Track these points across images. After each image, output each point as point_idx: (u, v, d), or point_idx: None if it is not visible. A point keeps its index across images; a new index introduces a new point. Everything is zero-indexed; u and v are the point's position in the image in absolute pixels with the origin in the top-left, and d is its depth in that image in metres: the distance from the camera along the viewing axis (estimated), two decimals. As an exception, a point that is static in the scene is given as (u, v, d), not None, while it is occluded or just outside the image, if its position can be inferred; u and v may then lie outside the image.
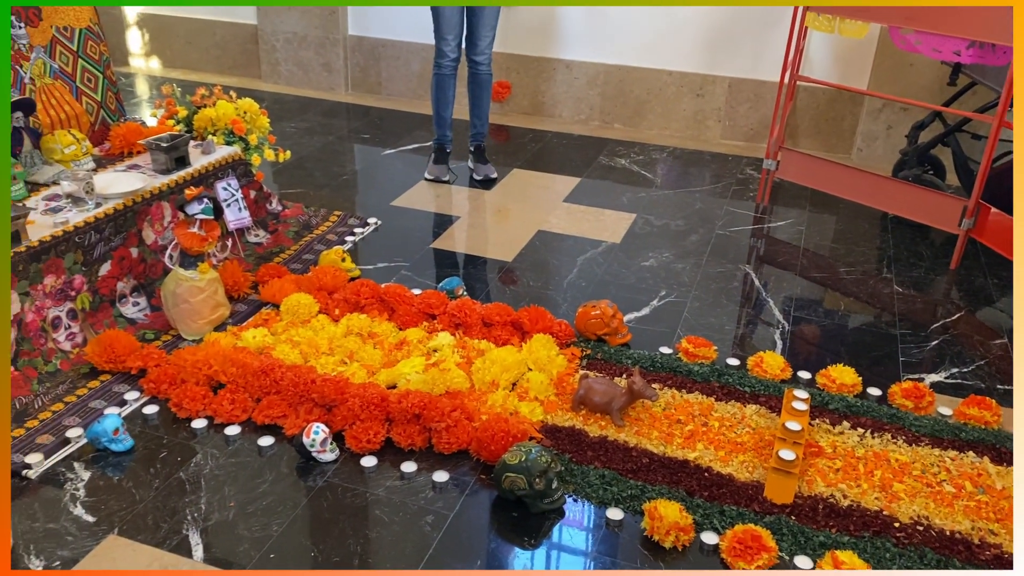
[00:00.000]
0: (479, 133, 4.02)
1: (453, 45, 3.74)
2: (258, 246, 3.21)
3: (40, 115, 2.90)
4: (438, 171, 3.99)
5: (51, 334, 2.43)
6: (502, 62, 4.91)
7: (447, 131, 3.98)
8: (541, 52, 4.86)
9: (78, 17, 3.10)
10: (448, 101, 3.90)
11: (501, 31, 4.83)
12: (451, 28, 3.70)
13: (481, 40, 3.76)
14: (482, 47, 3.78)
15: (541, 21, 4.77)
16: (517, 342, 2.62)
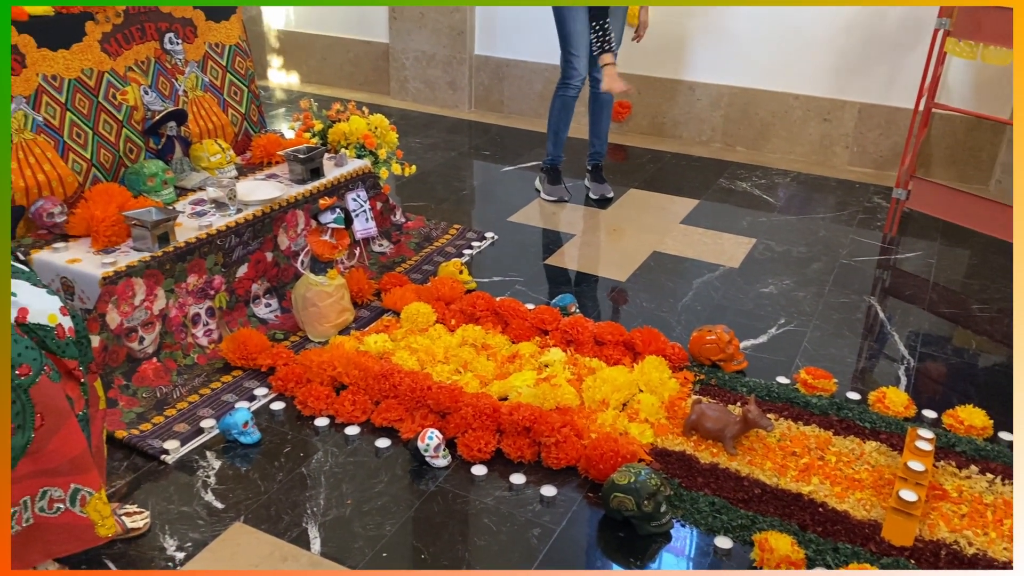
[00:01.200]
0: (597, 153, 4.04)
1: (585, 62, 3.73)
2: (382, 255, 3.34)
3: (190, 125, 3.12)
4: (557, 192, 4.00)
5: (191, 330, 2.60)
6: (624, 82, 4.92)
7: (562, 153, 4.01)
8: (664, 73, 4.85)
9: (228, 34, 3.32)
10: (568, 123, 3.92)
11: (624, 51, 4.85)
12: (581, 46, 3.70)
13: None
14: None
15: (665, 42, 4.76)
16: (629, 362, 2.62)
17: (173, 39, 3.07)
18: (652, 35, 4.75)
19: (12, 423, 1.56)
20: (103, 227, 2.48)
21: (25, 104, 2.58)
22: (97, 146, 2.78)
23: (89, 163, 2.75)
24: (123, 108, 2.87)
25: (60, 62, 2.68)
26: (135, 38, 2.93)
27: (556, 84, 3.85)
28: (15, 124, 2.54)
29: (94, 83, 2.78)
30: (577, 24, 3.65)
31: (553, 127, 3.94)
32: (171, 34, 3.07)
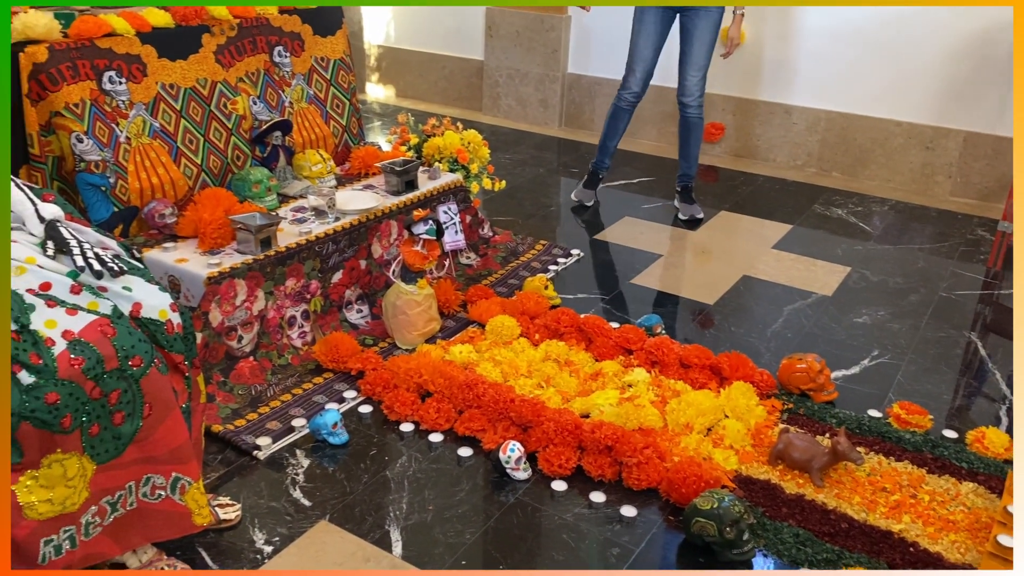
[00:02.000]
0: (686, 175, 4.02)
1: (639, 79, 3.83)
2: (469, 267, 3.39)
3: (294, 135, 3.24)
4: (584, 195, 4.11)
5: (286, 331, 2.70)
6: (718, 103, 4.89)
7: (606, 160, 4.09)
8: (759, 95, 4.79)
9: (334, 49, 3.44)
10: (617, 132, 4.01)
11: (721, 72, 4.82)
12: (640, 62, 3.79)
13: (688, 79, 3.78)
14: (690, 87, 3.79)
15: (763, 64, 4.71)
16: (715, 387, 2.59)
17: (282, 52, 3.21)
18: (749, 57, 4.71)
19: (123, 411, 1.65)
20: (210, 229, 2.60)
21: (144, 111, 2.73)
22: (207, 152, 2.92)
23: (199, 168, 2.89)
24: (233, 117, 3.01)
25: (177, 72, 2.84)
26: (247, 50, 3.07)
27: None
28: (135, 129, 2.70)
29: (207, 92, 2.93)
30: (640, 39, 3.75)
31: (604, 133, 4.05)
32: (280, 47, 3.20)
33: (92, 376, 1.58)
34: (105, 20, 2.65)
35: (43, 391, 1.52)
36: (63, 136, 2.53)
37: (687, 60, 3.75)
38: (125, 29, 2.68)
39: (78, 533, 1.66)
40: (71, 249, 1.73)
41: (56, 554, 1.63)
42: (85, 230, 1.87)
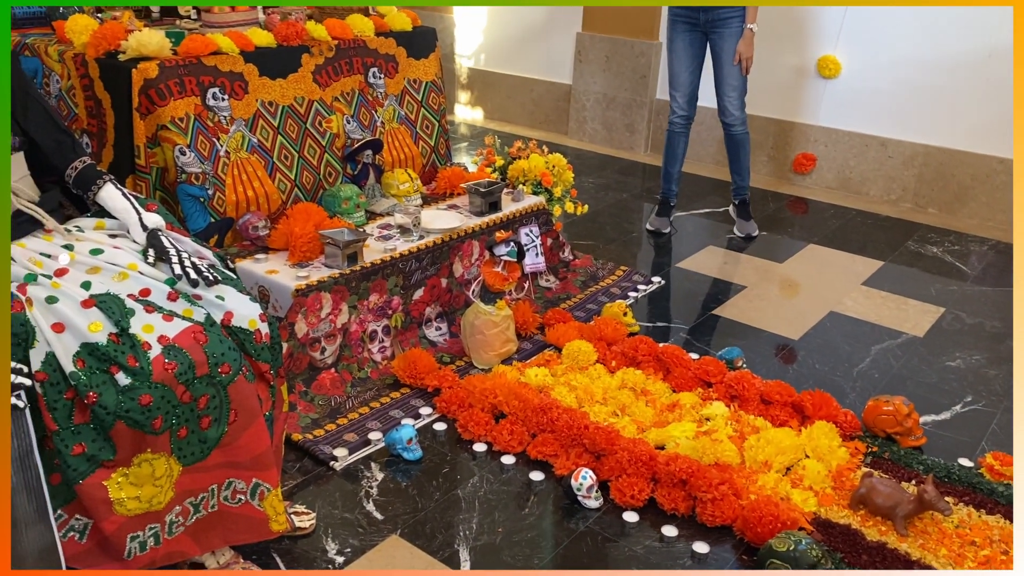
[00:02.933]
0: (740, 188, 4.06)
1: (682, 103, 3.91)
2: (547, 290, 3.40)
3: (384, 154, 3.32)
4: (659, 223, 4.11)
5: (367, 345, 2.75)
6: (810, 133, 4.79)
7: (672, 186, 4.10)
8: (853, 127, 4.66)
9: (426, 71, 3.52)
10: (675, 158, 4.04)
11: (813, 102, 4.73)
12: (680, 87, 3.89)
13: (725, 100, 3.84)
14: (728, 108, 3.85)
15: (857, 95, 4.59)
16: (796, 425, 2.52)
17: (376, 73, 3.30)
18: (843, 88, 4.60)
19: (210, 416, 1.71)
20: (300, 243, 2.68)
21: (244, 126, 2.85)
22: (301, 168, 3.02)
23: (293, 183, 2.99)
24: (327, 135, 3.10)
25: (277, 90, 2.95)
26: (343, 71, 3.17)
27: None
28: (234, 144, 2.81)
29: (304, 110, 3.03)
30: (675, 64, 3.86)
31: (663, 161, 4.11)
32: (375, 69, 3.29)
33: (184, 380, 1.65)
34: (212, 39, 2.78)
35: (138, 392, 1.59)
36: (167, 148, 2.65)
37: (721, 81, 3.83)
38: (230, 48, 2.81)
39: (162, 531, 1.72)
40: (170, 258, 1.82)
41: (141, 550, 1.70)
42: (184, 240, 1.95)
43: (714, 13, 3.69)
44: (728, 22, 3.70)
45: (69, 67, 2.76)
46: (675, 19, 3.81)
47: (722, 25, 3.71)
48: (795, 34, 4.69)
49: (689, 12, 3.73)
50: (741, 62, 3.73)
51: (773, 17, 4.51)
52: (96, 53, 2.67)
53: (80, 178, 1.94)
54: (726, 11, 3.67)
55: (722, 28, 3.71)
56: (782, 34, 4.66)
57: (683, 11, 3.75)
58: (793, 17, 4.66)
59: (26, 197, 1.85)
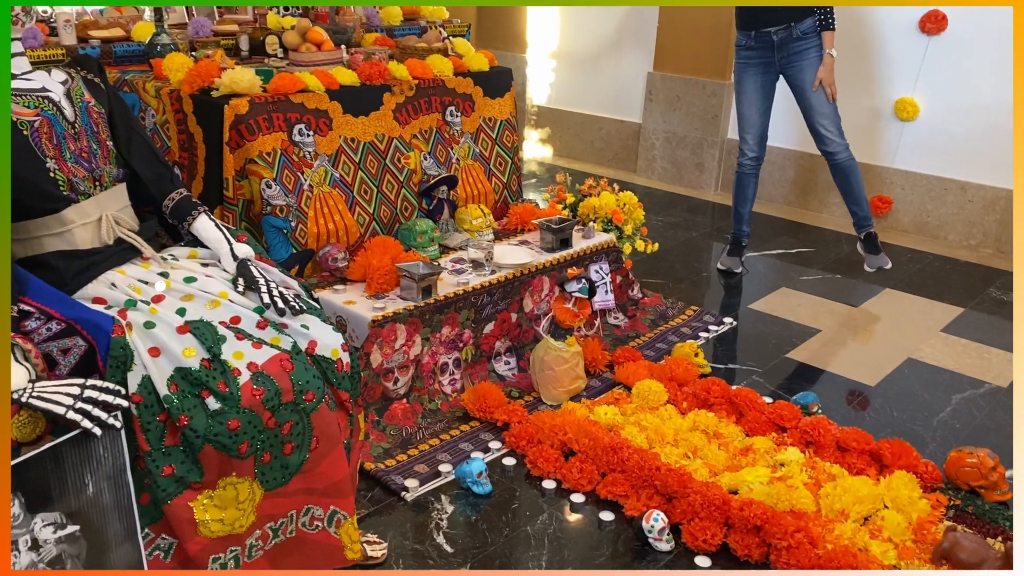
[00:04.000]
0: (862, 219, 3.88)
1: (752, 144, 3.87)
2: (616, 328, 3.39)
3: (459, 190, 3.38)
4: (730, 262, 4.06)
5: (438, 377, 2.78)
6: (887, 176, 4.71)
7: (743, 226, 4.05)
8: (932, 170, 4.57)
9: (501, 110, 3.58)
10: (746, 198, 3.99)
11: (890, 145, 4.66)
12: (750, 128, 3.84)
13: (822, 129, 3.76)
14: (825, 136, 3.76)
15: (935, 139, 4.50)
16: (874, 474, 2.45)
17: (454, 112, 3.37)
18: (922, 131, 4.52)
19: (293, 442, 1.76)
20: (377, 275, 2.74)
21: (327, 161, 2.94)
22: (379, 202, 3.09)
23: (371, 217, 3.06)
24: (404, 171, 3.18)
25: (359, 127, 3.04)
26: (422, 109, 3.25)
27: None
28: (317, 178, 2.90)
29: (384, 147, 3.11)
30: (745, 106, 3.82)
31: (734, 201, 4.06)
32: (452, 107, 3.37)
33: (270, 407, 1.69)
34: (300, 77, 2.89)
35: (227, 417, 1.64)
36: (254, 181, 2.75)
37: (811, 113, 3.76)
38: (316, 86, 2.91)
39: (242, 554, 1.76)
40: (259, 287, 1.88)
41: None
42: (271, 270, 2.02)
43: (789, 48, 3.67)
44: (804, 54, 3.67)
45: (165, 102, 2.90)
46: (746, 61, 3.79)
47: (798, 58, 3.68)
48: (872, 76, 4.64)
49: (762, 51, 3.72)
50: (823, 89, 3.68)
51: (850, 59, 4.46)
52: (190, 89, 2.80)
53: (176, 209, 2.03)
54: (801, 44, 3.65)
55: (799, 61, 3.69)
56: (859, 76, 4.61)
57: (756, 51, 3.74)
58: (871, 59, 4.62)
59: (126, 226, 1.94)
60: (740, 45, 3.79)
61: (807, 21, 3.63)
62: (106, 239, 1.87)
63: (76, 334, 1.61)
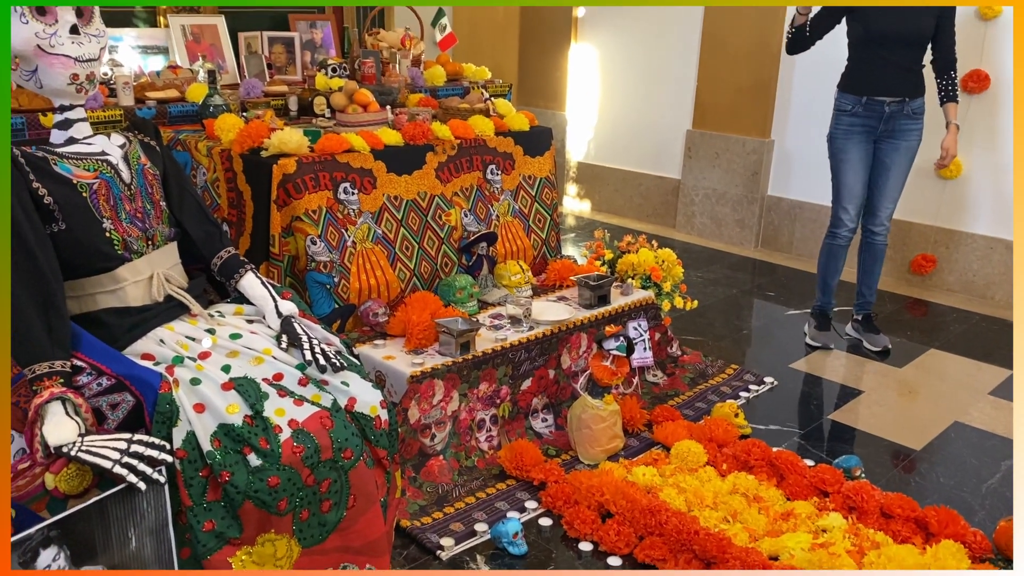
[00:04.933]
0: (867, 303, 3.88)
1: (852, 215, 3.70)
2: (655, 386, 3.37)
3: (498, 246, 3.42)
4: (824, 338, 3.87)
5: (475, 433, 2.79)
6: (930, 234, 4.66)
7: (831, 299, 3.92)
8: (977, 228, 4.51)
9: (541, 168, 3.64)
10: (837, 271, 3.85)
11: (933, 203, 4.61)
12: (852, 198, 3.67)
13: (882, 211, 3.69)
14: (882, 218, 3.70)
15: (980, 196, 4.45)
16: (919, 543, 2.38)
17: (494, 170, 3.43)
18: (967, 187, 4.48)
19: (331, 500, 1.77)
20: (417, 330, 2.77)
21: (370, 219, 3.00)
22: (420, 258, 3.14)
23: (412, 272, 3.11)
24: (445, 227, 3.24)
25: (402, 185, 3.11)
26: (464, 168, 3.32)
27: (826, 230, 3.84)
28: (360, 235, 2.96)
29: (425, 204, 3.18)
30: (849, 175, 3.63)
31: (822, 274, 3.88)
32: (493, 165, 3.43)
33: (309, 464, 1.72)
34: (346, 138, 2.98)
35: (267, 474, 1.67)
36: (300, 238, 2.82)
37: (882, 191, 3.65)
38: (362, 146, 2.99)
39: (278, 611, 1.77)
40: (302, 344, 1.92)
41: (257, 629, 1.74)
42: (314, 327, 2.06)
43: (895, 123, 3.53)
44: (907, 133, 3.56)
45: (215, 161, 3.00)
46: (850, 127, 3.58)
47: (900, 136, 3.55)
48: (913, 134, 4.62)
49: (868, 120, 3.55)
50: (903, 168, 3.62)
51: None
52: (241, 149, 2.90)
53: (224, 267, 2.10)
54: (907, 123, 3.54)
55: (898, 139, 3.56)
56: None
57: (862, 119, 3.55)
58: (911, 117, 4.60)
59: (176, 283, 2.00)
60: (844, 110, 3.60)
61: (919, 99, 3.53)
62: (156, 296, 1.93)
63: (125, 390, 1.66)
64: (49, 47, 1.79)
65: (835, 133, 3.65)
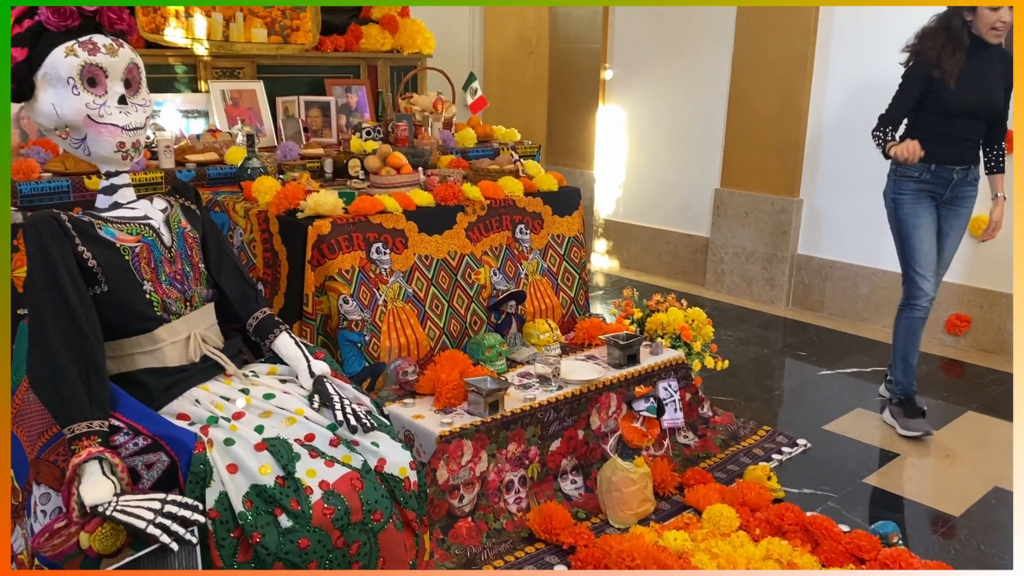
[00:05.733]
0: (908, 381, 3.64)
1: (932, 282, 3.48)
2: (686, 448, 3.33)
3: (527, 304, 3.44)
4: (918, 426, 3.51)
5: (504, 495, 2.77)
6: (964, 294, 4.60)
7: (914, 380, 3.61)
8: (1011, 287, 4.45)
9: (569, 227, 3.67)
10: (917, 346, 3.58)
11: (966, 262, 4.57)
12: (930, 264, 3.47)
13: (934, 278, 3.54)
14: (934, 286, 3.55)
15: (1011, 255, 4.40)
16: (962, 614, 2.31)
17: (523, 230, 3.47)
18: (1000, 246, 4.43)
19: (360, 562, 1.77)
20: (446, 389, 2.78)
21: (401, 278, 3.04)
22: (449, 316, 3.17)
23: (441, 331, 3.14)
24: (475, 286, 3.27)
25: (433, 245, 3.15)
26: (493, 228, 3.36)
27: (899, 304, 3.60)
28: (392, 293, 3.00)
29: (455, 263, 3.22)
30: (925, 242, 3.45)
31: (901, 353, 3.58)
32: (522, 225, 3.47)
33: (339, 526, 1.72)
34: (379, 200, 3.04)
35: (297, 536, 1.67)
36: (332, 297, 2.87)
37: (939, 257, 3.53)
38: (395, 207, 3.05)
39: (305, 676, 1.75)
40: (333, 404, 1.94)
41: None
42: (346, 387, 2.08)
43: (959, 190, 3.45)
44: (966, 200, 3.48)
45: (252, 222, 3.07)
46: (918, 192, 3.44)
47: (960, 203, 3.47)
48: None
49: (936, 186, 3.42)
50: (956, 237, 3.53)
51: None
52: (277, 211, 2.97)
53: (260, 327, 2.13)
54: (968, 190, 3.47)
55: (959, 206, 3.48)
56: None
57: (930, 185, 3.42)
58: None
59: (212, 344, 2.04)
60: (911, 177, 3.43)
61: (978, 167, 3.48)
62: (193, 357, 1.97)
63: (161, 450, 1.68)
64: (98, 117, 1.87)
65: (902, 199, 3.48)
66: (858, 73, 4.87)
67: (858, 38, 4.85)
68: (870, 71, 4.78)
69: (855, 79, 4.89)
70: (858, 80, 4.88)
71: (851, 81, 4.92)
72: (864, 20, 4.80)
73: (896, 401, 3.63)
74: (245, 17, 4.05)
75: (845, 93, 4.96)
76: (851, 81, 4.92)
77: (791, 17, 5.04)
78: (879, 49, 4.65)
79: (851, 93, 4.92)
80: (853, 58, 4.88)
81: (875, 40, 4.74)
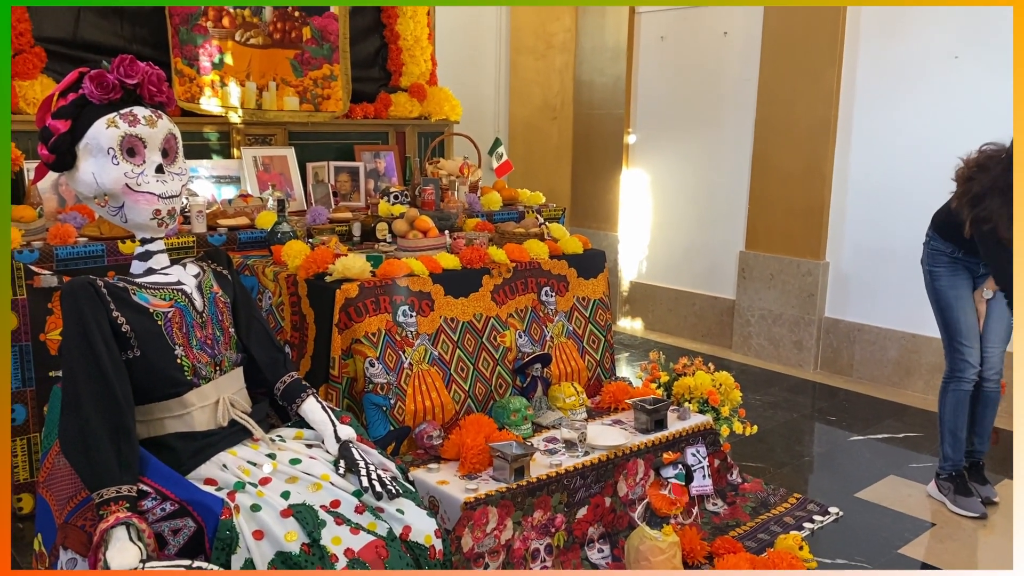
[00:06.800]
0: (978, 451, 3.55)
1: (978, 354, 3.37)
2: (715, 515, 3.26)
3: (552, 367, 3.43)
4: (972, 506, 3.37)
5: (529, 564, 2.72)
6: (996, 358, 4.52)
7: (963, 457, 3.48)
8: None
9: (594, 290, 3.68)
10: (965, 422, 3.45)
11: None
12: (972, 337, 3.37)
13: (993, 355, 3.40)
14: (994, 362, 3.40)
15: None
16: None
17: (548, 292, 3.48)
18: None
19: (384, 633, 1.74)
20: (471, 454, 2.76)
21: (427, 340, 3.05)
22: (475, 379, 3.17)
23: (466, 394, 3.13)
24: (500, 349, 3.27)
25: (459, 307, 3.17)
26: (519, 290, 3.38)
27: (943, 376, 3.48)
28: (417, 356, 3.01)
29: (481, 326, 3.22)
30: (968, 314, 3.36)
31: (949, 428, 3.46)
32: (547, 288, 3.48)
33: (364, 596, 1.69)
34: (406, 263, 3.07)
35: (322, 605, 1.65)
36: (359, 360, 2.88)
37: (990, 334, 3.40)
38: (421, 271, 3.08)
39: None
40: (359, 470, 1.93)
41: None
42: (371, 451, 2.08)
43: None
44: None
45: (281, 286, 3.11)
46: (954, 264, 3.36)
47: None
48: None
49: (969, 263, 3.34)
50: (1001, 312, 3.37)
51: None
52: (306, 274, 3.01)
53: (287, 392, 2.14)
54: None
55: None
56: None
57: (963, 261, 3.34)
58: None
59: (240, 408, 2.05)
60: (946, 252, 3.36)
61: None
62: (221, 421, 1.98)
63: (187, 515, 1.68)
64: (136, 185, 1.93)
65: (939, 272, 3.40)
66: (882, 136, 4.89)
67: (882, 100, 4.88)
68: (894, 133, 4.80)
69: (879, 142, 4.92)
70: (883, 143, 4.90)
71: (876, 144, 4.94)
72: (887, 82, 4.84)
73: (946, 476, 3.50)
74: (278, 86, 4.18)
75: (870, 156, 4.98)
76: (876, 144, 4.94)
77: (813, 82, 5.09)
78: (903, 112, 4.69)
79: (876, 156, 4.94)
80: (877, 121, 4.91)
81: (899, 101, 4.77)
